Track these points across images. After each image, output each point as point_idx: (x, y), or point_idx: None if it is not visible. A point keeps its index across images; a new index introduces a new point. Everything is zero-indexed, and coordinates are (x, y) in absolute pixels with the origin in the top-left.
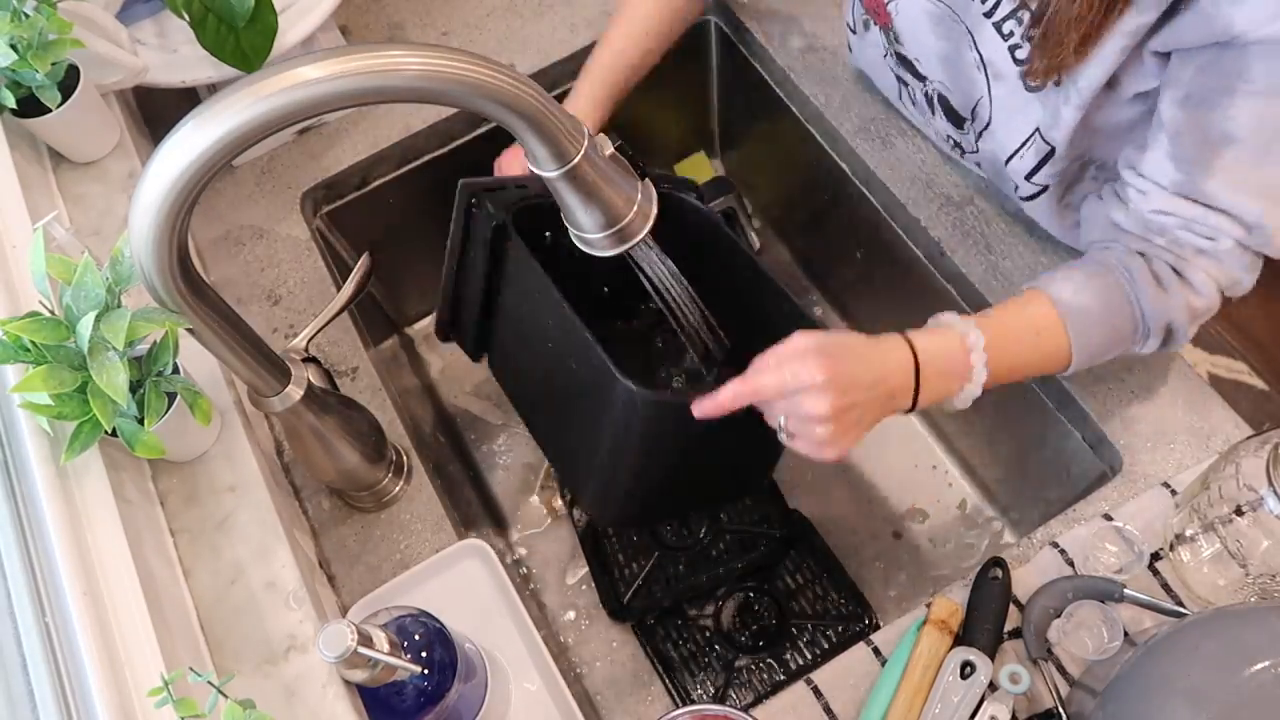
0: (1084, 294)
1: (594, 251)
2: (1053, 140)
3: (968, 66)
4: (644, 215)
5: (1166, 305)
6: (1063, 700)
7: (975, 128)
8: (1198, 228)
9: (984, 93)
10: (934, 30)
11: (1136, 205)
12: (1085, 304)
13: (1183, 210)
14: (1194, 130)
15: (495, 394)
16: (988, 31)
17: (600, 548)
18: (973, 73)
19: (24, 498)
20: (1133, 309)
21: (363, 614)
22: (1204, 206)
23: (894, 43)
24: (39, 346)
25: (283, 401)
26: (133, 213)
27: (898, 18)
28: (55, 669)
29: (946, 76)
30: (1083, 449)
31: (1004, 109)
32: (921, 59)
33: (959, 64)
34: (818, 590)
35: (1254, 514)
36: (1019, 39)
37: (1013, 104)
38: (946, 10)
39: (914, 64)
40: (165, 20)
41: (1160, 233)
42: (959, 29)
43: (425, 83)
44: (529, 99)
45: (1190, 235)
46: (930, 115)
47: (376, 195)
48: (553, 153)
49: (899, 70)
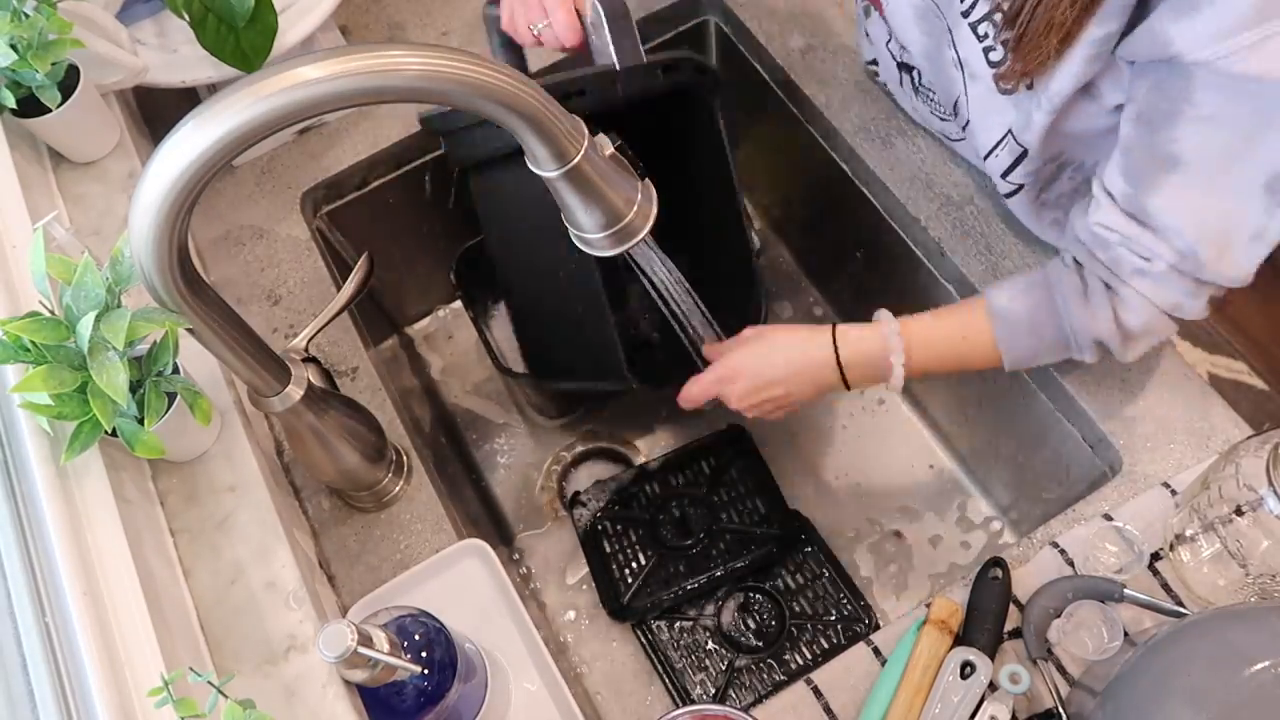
0: (1016, 302)
1: (594, 251)
2: (1025, 143)
3: (947, 64)
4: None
5: (1091, 320)
6: (1063, 700)
7: (958, 123)
8: (1135, 246)
9: (961, 90)
10: (918, 24)
11: (1091, 214)
12: (1015, 311)
13: (1124, 228)
14: (1143, 147)
15: (495, 394)
16: (964, 31)
17: (600, 548)
18: (951, 70)
19: (24, 498)
20: (1059, 321)
21: (363, 614)
22: (1141, 225)
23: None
24: (39, 346)
25: (283, 401)
26: (133, 213)
27: (888, 6)
28: (55, 669)
29: (930, 71)
30: (1083, 449)
31: (979, 108)
32: (909, 49)
33: (939, 61)
34: (818, 590)
35: (1254, 514)
36: (993, 41)
37: (988, 104)
38: (930, 5)
39: (906, 54)
40: (165, 20)
41: (1103, 248)
42: (940, 25)
43: (425, 83)
44: (529, 99)
45: (1128, 254)
46: (928, 105)
47: (376, 195)
48: (553, 152)
49: (902, 57)
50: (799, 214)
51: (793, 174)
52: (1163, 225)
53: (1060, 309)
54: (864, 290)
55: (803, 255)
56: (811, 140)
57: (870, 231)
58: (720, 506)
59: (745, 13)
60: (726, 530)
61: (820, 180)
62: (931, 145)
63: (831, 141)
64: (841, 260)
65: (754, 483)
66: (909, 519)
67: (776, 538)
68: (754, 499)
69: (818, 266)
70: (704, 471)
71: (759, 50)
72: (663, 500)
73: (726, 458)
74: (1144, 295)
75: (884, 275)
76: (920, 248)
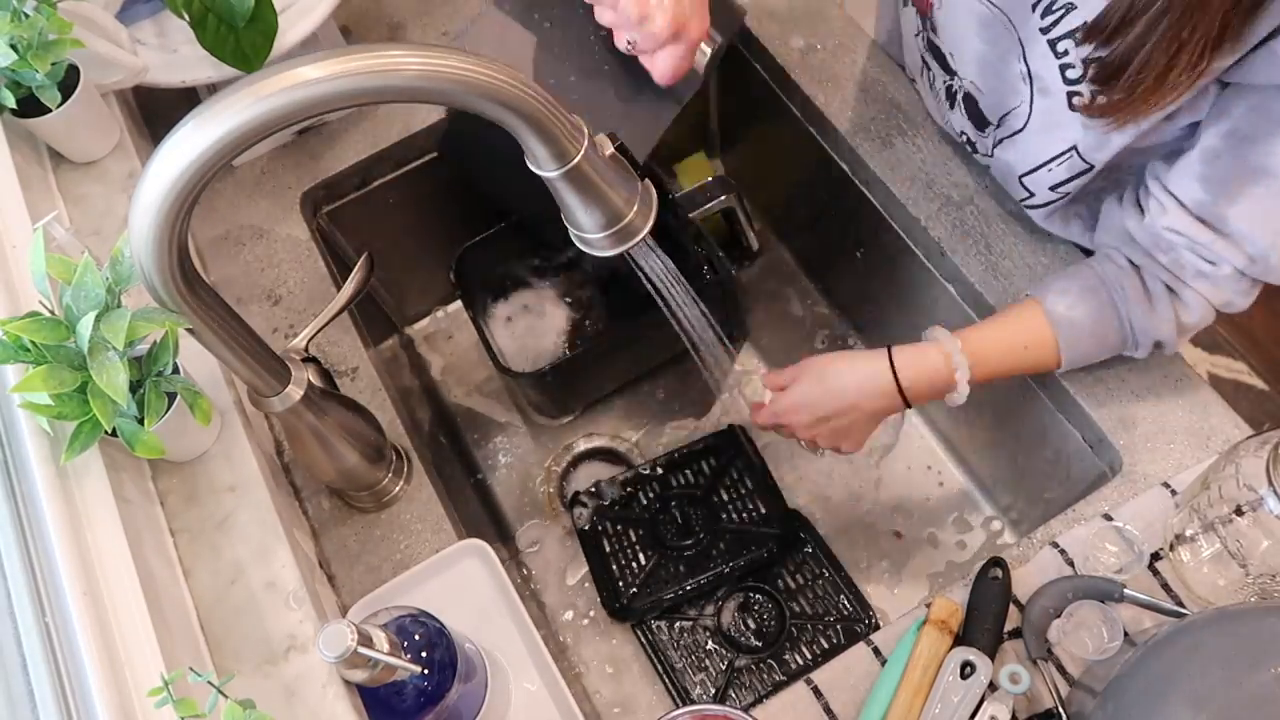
0: (1077, 309)
1: (594, 252)
2: (1093, 160)
3: (1012, 76)
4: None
5: (1156, 323)
6: (1063, 700)
7: (998, 134)
8: (1203, 251)
9: (1023, 103)
10: (980, 34)
11: (1153, 218)
12: (1077, 319)
13: (1194, 233)
14: (1232, 160)
15: (495, 394)
16: (1041, 47)
17: (600, 548)
18: (1017, 83)
19: (24, 498)
20: (1123, 325)
21: (363, 614)
22: (1214, 232)
23: (929, 30)
24: (39, 346)
25: (283, 401)
26: (133, 213)
27: (939, 10)
28: (55, 669)
29: (982, 80)
30: (1083, 449)
31: (1043, 123)
32: (957, 55)
33: (1002, 72)
34: (818, 590)
35: (1254, 514)
36: (1073, 59)
37: (1054, 120)
38: (1000, 16)
39: (946, 58)
40: (165, 20)
41: (1167, 250)
42: (1009, 37)
43: (425, 83)
44: (529, 99)
45: (1193, 257)
46: (949, 109)
47: (376, 195)
48: (553, 152)
49: (926, 54)
50: (799, 214)
51: (793, 174)
52: (1237, 232)
53: (1123, 314)
54: (864, 290)
55: (803, 255)
56: (811, 140)
57: (870, 231)
58: (720, 506)
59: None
60: (726, 530)
61: (820, 180)
62: (931, 145)
63: (831, 141)
64: (841, 260)
65: (754, 483)
66: (909, 519)
67: (776, 538)
68: (754, 499)
69: (818, 266)
70: (704, 471)
71: (759, 50)
72: (663, 500)
73: (726, 458)
74: (1203, 296)
75: (884, 275)
76: (920, 248)
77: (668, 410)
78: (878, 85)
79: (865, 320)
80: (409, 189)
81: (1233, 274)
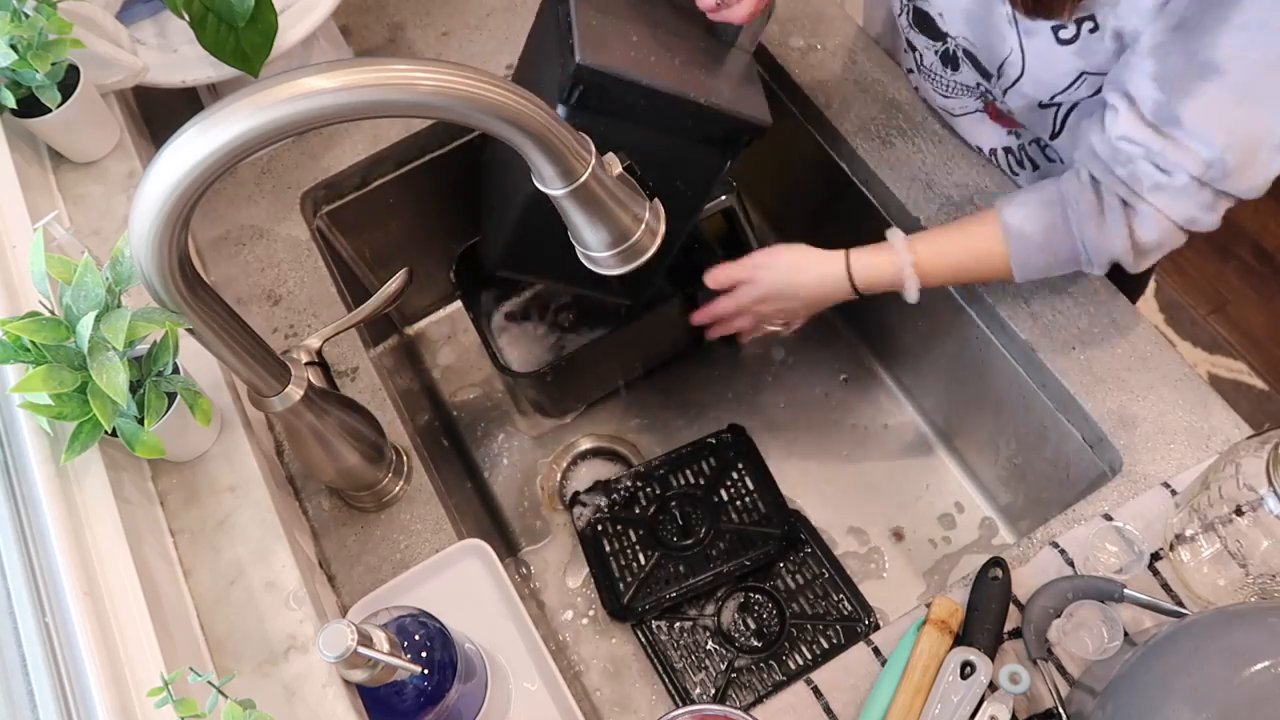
0: (1030, 223)
1: (600, 270)
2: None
3: (999, 22)
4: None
5: (1108, 238)
6: (1063, 700)
7: (1002, 84)
8: (1157, 159)
9: (1012, 50)
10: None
11: (1109, 127)
12: (1029, 232)
13: (1147, 139)
14: (1180, 54)
15: (496, 394)
16: None
17: (600, 547)
18: (1003, 27)
19: (24, 498)
20: (1074, 241)
21: (363, 614)
22: (1165, 137)
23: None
24: (39, 346)
25: (283, 401)
26: (133, 215)
27: None
28: (55, 669)
29: (971, 33)
30: (1083, 449)
31: (1038, 62)
32: (945, 14)
33: (988, 19)
34: (818, 590)
35: (1254, 514)
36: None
37: (1048, 57)
38: None
39: (935, 20)
40: (165, 20)
41: (1125, 163)
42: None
43: (434, 99)
44: (536, 117)
45: (1149, 167)
46: (952, 72)
47: (376, 195)
48: (560, 171)
49: (911, 32)
50: (799, 214)
51: (793, 174)
52: (1191, 133)
53: (1075, 228)
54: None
55: None
56: (811, 140)
57: (870, 232)
58: (720, 506)
59: None
60: (726, 530)
61: (820, 180)
62: (931, 145)
63: (831, 141)
64: None
65: (754, 483)
66: (909, 518)
67: (776, 538)
68: (754, 499)
69: None
70: (704, 471)
71: (759, 50)
72: (663, 500)
73: (726, 458)
74: (1160, 210)
75: None
76: None
77: (668, 410)
78: (878, 85)
79: (865, 320)
80: (409, 189)
81: (1190, 183)
